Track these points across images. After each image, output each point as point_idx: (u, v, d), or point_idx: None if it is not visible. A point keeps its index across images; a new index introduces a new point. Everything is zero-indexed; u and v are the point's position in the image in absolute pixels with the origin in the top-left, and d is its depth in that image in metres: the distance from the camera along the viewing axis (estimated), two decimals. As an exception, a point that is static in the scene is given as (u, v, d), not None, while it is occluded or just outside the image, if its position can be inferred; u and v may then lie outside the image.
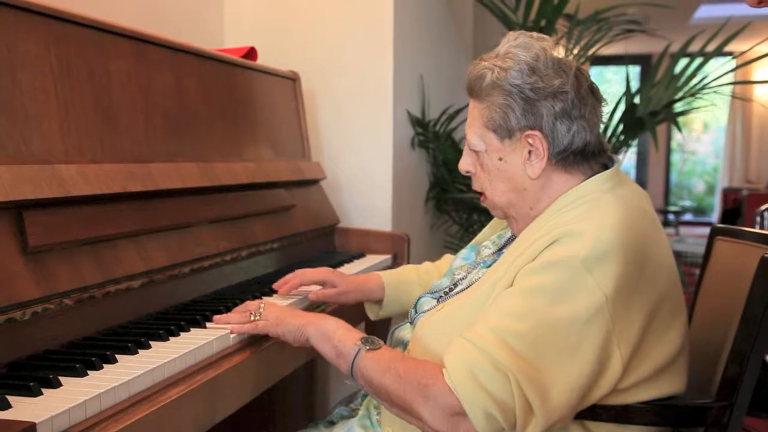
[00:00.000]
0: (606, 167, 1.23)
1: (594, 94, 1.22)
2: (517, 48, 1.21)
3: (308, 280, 1.56)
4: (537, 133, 1.18)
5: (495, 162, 1.23)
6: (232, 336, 1.24)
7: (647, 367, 1.11)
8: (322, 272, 1.57)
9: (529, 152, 1.20)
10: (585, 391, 1.06)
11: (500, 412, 1.01)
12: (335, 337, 1.19)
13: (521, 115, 1.18)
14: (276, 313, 1.28)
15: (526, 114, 1.18)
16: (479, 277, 1.26)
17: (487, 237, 1.46)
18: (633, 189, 1.22)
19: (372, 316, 1.63)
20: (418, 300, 1.39)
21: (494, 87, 1.20)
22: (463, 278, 1.34)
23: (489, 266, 1.28)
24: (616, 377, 1.08)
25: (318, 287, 1.59)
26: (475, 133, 1.24)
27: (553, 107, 1.17)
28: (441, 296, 1.34)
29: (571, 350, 1.04)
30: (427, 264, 1.67)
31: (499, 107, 1.20)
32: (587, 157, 1.21)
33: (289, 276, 1.57)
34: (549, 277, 1.06)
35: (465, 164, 1.29)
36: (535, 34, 1.24)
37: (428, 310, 1.29)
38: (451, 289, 1.34)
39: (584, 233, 1.08)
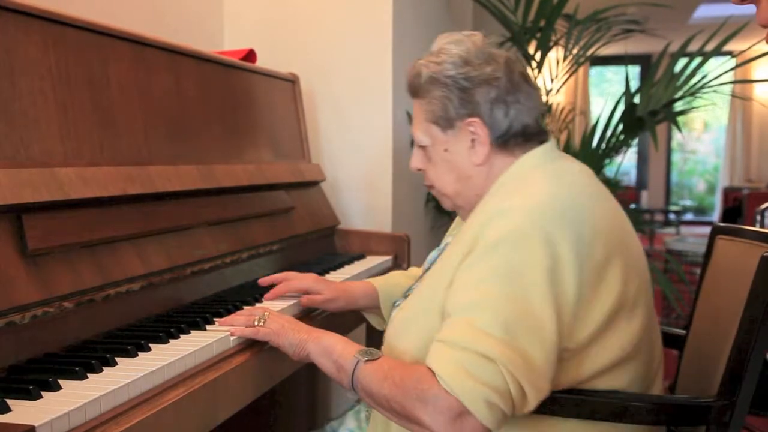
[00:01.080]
0: None
1: (527, 81, 1.28)
2: (449, 44, 1.28)
3: (294, 288, 1.55)
4: (476, 119, 1.24)
5: (441, 154, 1.29)
6: (232, 338, 1.24)
7: (595, 322, 1.12)
8: (309, 280, 1.57)
9: (472, 140, 1.25)
10: (556, 355, 1.08)
11: (499, 398, 1.02)
12: (335, 352, 1.19)
13: (459, 105, 1.25)
14: (279, 323, 1.28)
15: (463, 103, 1.24)
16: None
17: (450, 234, 1.48)
18: (569, 163, 1.26)
19: (378, 327, 1.63)
20: (395, 303, 1.41)
21: (431, 82, 1.27)
22: (426, 270, 1.37)
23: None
24: (568, 334, 1.10)
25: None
26: (419, 130, 1.31)
27: (488, 94, 1.24)
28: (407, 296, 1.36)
29: (535, 322, 1.06)
30: (414, 269, 1.67)
31: (438, 99, 1.26)
32: (528, 138, 1.26)
33: (277, 276, 1.57)
34: (493, 260, 1.10)
35: (415, 162, 1.35)
36: (465, 32, 1.31)
37: (395, 312, 1.32)
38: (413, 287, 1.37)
39: (513, 209, 1.12)
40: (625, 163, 7.33)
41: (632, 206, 7.55)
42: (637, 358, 1.18)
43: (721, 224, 1.53)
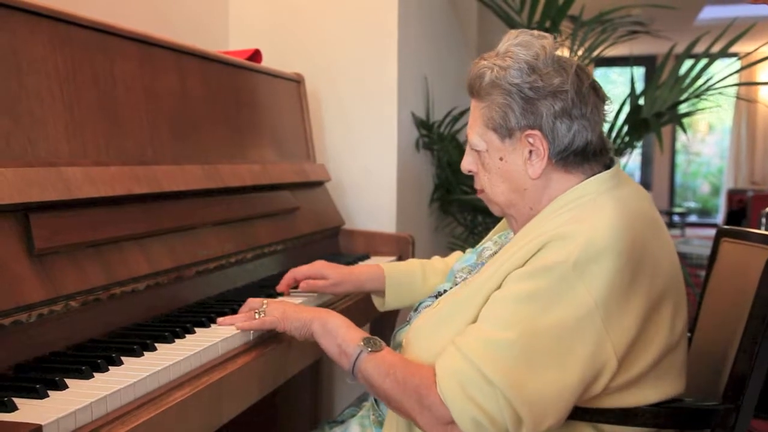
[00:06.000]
0: (608, 167, 1.22)
1: (596, 93, 1.21)
2: (517, 46, 1.20)
3: (300, 274, 1.57)
4: (537, 132, 1.17)
5: (496, 162, 1.23)
6: (237, 337, 1.24)
7: (643, 365, 1.11)
8: (316, 266, 1.59)
9: (530, 152, 1.19)
10: (576, 395, 1.06)
11: (488, 421, 1.03)
12: (338, 336, 1.20)
13: (521, 115, 1.18)
14: (280, 309, 1.29)
15: (525, 113, 1.17)
16: None
17: (489, 239, 1.46)
18: (633, 189, 1.21)
19: (379, 308, 1.65)
20: (420, 304, 1.40)
21: (493, 86, 1.19)
22: (464, 279, 1.34)
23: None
24: (610, 377, 1.08)
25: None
26: (476, 133, 1.24)
27: (553, 106, 1.16)
28: (438, 295, 1.34)
29: (560, 358, 1.04)
30: (435, 259, 1.66)
31: (499, 106, 1.19)
32: (588, 157, 1.20)
33: (287, 275, 1.59)
34: (539, 283, 1.06)
35: (467, 164, 1.28)
36: (535, 32, 1.23)
37: (424, 309, 1.30)
38: (446, 290, 1.35)
39: (575, 236, 1.07)
40: (630, 164, 7.32)
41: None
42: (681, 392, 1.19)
43: (726, 227, 1.52)
